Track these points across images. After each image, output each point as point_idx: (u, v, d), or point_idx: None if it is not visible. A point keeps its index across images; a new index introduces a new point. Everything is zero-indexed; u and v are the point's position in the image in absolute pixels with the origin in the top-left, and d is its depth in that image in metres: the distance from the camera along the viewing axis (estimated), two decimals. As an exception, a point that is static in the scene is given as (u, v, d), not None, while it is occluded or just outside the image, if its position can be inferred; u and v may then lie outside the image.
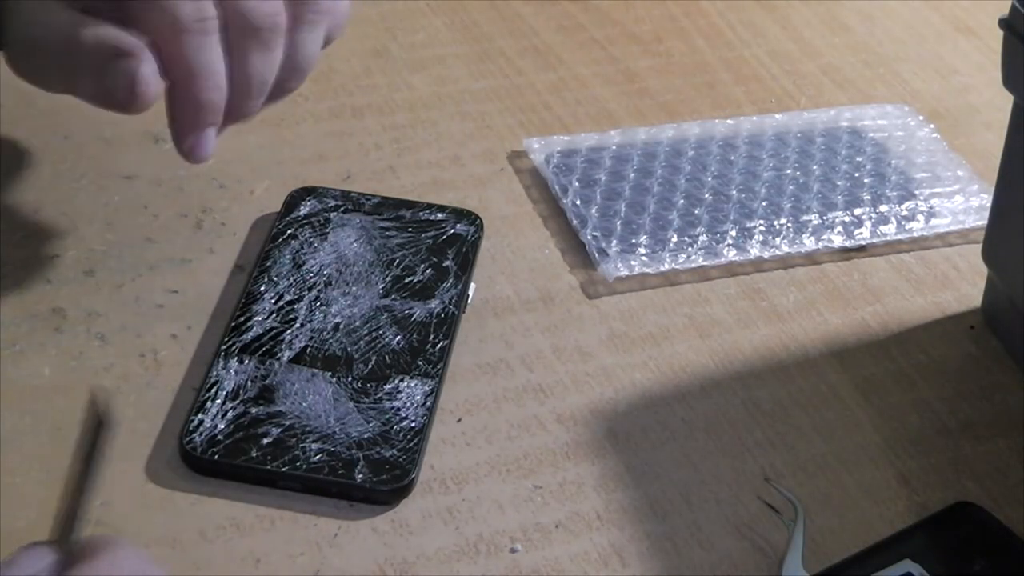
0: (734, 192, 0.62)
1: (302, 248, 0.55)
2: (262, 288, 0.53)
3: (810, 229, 0.61)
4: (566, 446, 0.50)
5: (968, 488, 0.50)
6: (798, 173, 0.64)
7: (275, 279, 0.54)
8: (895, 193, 0.64)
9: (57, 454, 0.45)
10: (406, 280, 0.54)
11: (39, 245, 0.56)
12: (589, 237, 0.59)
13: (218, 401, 0.48)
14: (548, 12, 0.76)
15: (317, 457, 0.46)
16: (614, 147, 0.64)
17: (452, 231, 0.57)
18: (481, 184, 0.62)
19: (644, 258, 0.58)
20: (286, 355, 0.50)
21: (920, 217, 0.62)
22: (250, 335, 0.51)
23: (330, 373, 0.50)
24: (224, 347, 0.50)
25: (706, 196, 0.62)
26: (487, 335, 0.54)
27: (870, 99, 0.72)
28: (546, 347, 0.54)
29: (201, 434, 0.47)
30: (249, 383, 0.49)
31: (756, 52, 0.75)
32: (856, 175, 0.65)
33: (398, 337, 0.52)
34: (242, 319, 0.52)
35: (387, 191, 0.60)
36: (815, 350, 0.55)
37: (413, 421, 0.48)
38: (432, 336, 0.52)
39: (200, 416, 0.47)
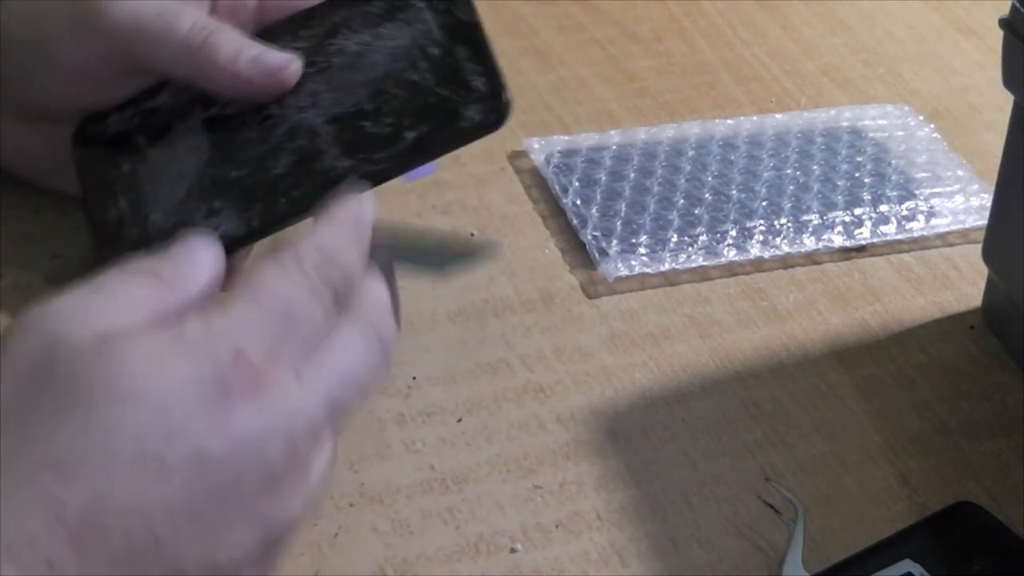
0: (734, 192, 0.62)
1: None
2: None
3: (810, 229, 0.61)
4: (566, 446, 0.50)
5: (968, 488, 0.50)
6: (798, 173, 0.64)
7: None
8: (895, 193, 0.64)
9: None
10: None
11: (39, 245, 0.56)
12: (589, 237, 0.59)
13: None
14: (548, 12, 0.76)
15: None
16: (614, 147, 0.64)
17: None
18: (481, 184, 0.62)
19: (644, 258, 0.58)
20: None
21: (920, 217, 0.62)
22: None
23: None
24: None
25: (706, 196, 0.62)
26: (487, 335, 0.54)
27: (870, 99, 0.72)
28: (546, 347, 0.54)
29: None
30: None
31: (756, 52, 0.75)
32: (856, 175, 0.65)
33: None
34: None
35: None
36: (815, 350, 0.55)
37: None
38: None
39: None
